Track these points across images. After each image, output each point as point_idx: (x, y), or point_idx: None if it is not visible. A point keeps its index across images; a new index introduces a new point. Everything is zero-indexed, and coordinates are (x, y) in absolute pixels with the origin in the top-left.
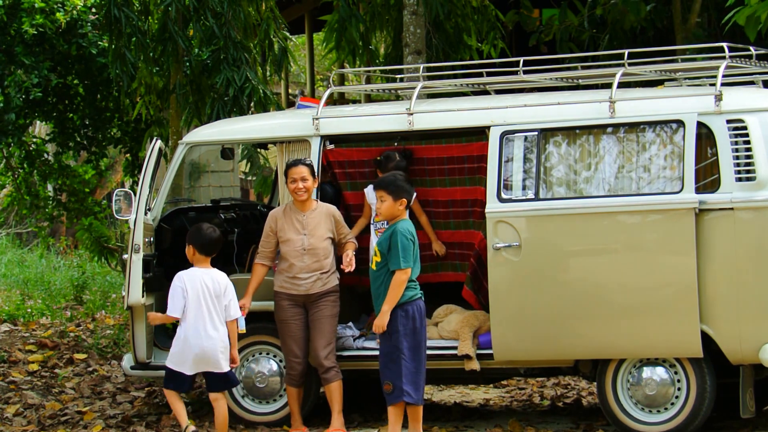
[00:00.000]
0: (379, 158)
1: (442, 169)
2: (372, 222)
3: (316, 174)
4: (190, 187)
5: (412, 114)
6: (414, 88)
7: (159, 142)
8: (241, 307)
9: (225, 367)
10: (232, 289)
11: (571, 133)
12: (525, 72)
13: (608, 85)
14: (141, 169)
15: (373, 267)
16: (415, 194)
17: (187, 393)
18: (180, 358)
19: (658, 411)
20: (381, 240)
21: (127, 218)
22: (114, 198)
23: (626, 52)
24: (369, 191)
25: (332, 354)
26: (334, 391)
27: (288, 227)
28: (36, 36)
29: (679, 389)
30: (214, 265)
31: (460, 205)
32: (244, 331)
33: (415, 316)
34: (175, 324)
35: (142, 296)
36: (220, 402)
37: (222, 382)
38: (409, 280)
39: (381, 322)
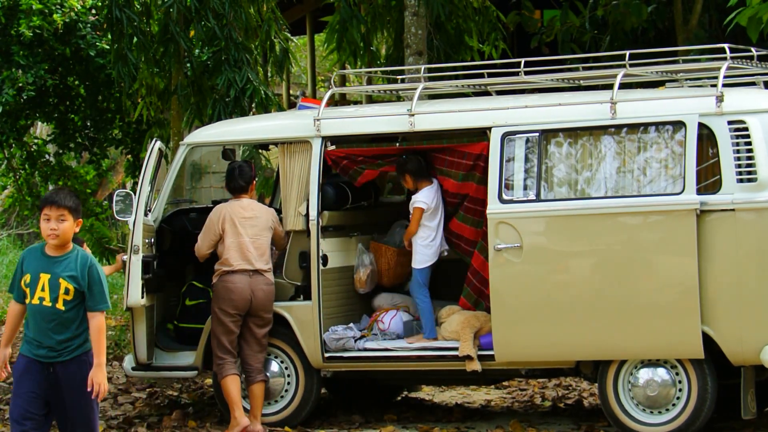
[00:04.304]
0: (403, 156)
1: (441, 168)
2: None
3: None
4: (192, 188)
5: (413, 115)
6: (415, 89)
7: (158, 142)
8: None
9: None
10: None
11: (573, 134)
12: (526, 73)
13: (609, 86)
14: (142, 170)
15: (60, 306)
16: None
17: None
18: None
19: (660, 412)
20: (71, 274)
21: (127, 219)
22: (114, 199)
23: (627, 53)
24: None
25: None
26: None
27: None
28: (34, 37)
29: (680, 390)
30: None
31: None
32: None
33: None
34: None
35: (142, 297)
36: None
37: None
38: None
39: (105, 380)
